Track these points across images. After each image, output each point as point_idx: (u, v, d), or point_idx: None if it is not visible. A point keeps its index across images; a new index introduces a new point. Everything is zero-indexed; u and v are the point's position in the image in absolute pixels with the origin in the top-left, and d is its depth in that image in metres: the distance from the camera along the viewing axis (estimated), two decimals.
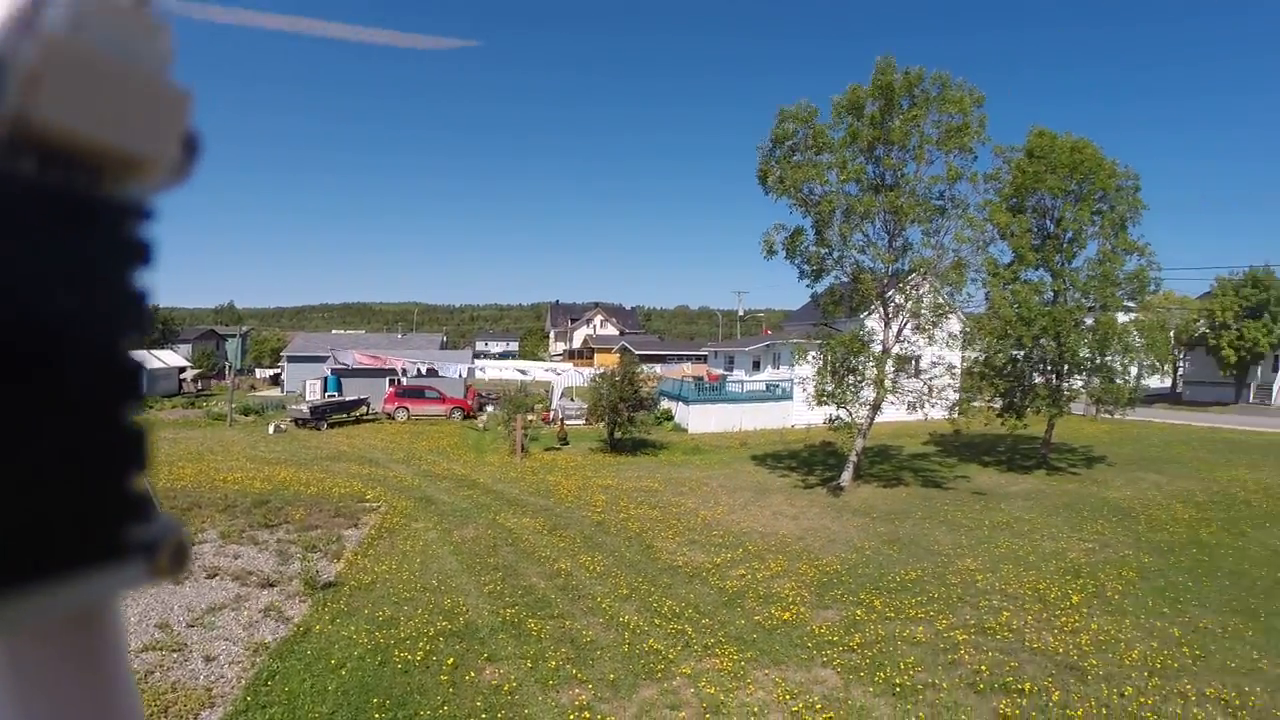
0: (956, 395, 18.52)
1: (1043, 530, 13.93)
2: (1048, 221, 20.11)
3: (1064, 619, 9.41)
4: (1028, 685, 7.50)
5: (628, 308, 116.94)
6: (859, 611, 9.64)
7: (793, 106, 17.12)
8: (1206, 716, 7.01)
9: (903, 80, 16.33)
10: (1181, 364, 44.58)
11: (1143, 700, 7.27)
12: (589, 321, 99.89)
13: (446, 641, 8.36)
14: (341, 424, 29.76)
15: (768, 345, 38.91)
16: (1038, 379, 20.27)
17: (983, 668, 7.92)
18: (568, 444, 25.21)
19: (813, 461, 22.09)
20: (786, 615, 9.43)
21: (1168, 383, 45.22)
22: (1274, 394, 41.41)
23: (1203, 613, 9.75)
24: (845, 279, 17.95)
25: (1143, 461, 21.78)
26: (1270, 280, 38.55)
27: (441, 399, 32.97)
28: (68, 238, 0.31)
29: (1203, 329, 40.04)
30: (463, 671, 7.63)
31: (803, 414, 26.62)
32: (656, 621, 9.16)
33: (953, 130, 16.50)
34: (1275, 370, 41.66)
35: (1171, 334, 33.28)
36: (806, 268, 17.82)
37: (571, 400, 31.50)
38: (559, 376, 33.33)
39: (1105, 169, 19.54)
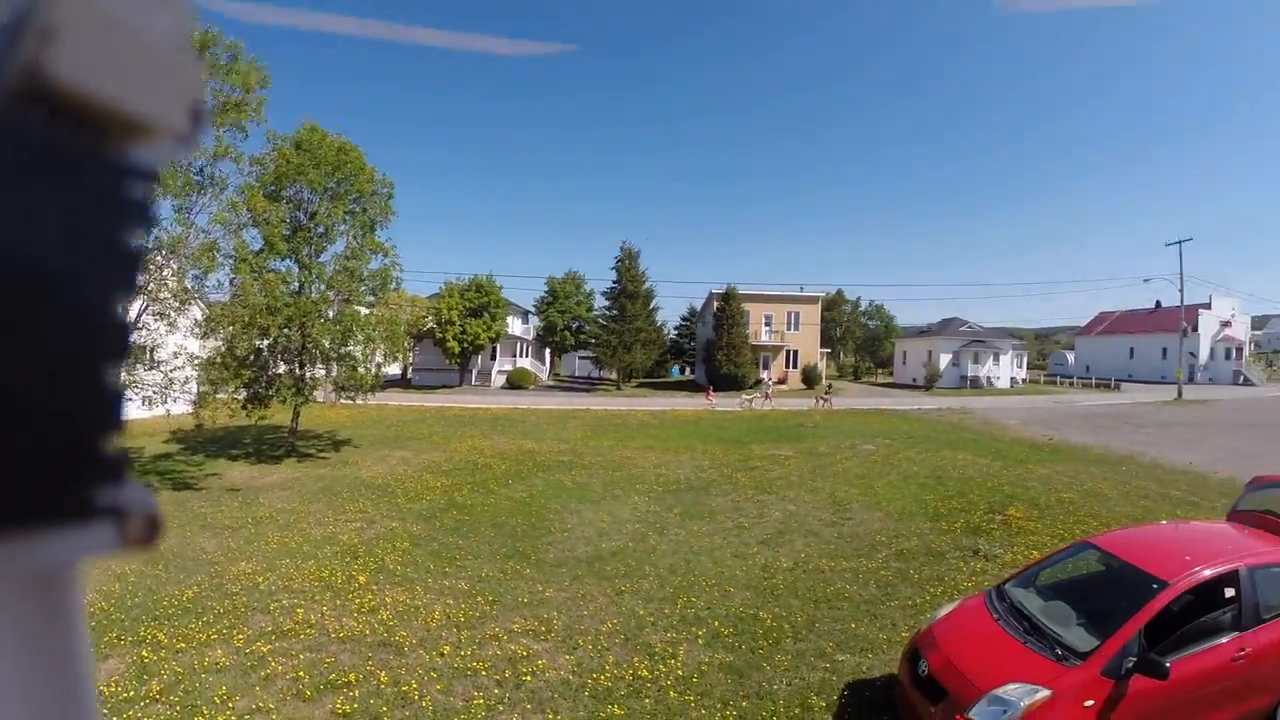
0: (199, 388, 17.08)
1: (308, 518, 13.67)
2: (301, 214, 20.43)
3: (358, 601, 9.26)
4: (352, 676, 7.14)
5: None
6: (145, 652, 7.69)
7: None
8: (522, 647, 7.81)
9: (199, 39, 14.41)
10: (412, 353, 52.18)
11: (462, 653, 7.63)
12: None
13: None
14: None
15: None
16: (282, 368, 20.34)
17: (300, 673, 7.20)
18: None
19: None
20: None
21: (398, 370, 52.11)
22: (492, 378, 52.70)
23: (481, 564, 10.83)
24: None
25: (387, 440, 24.06)
26: (490, 286, 48.78)
27: None
28: (65, 190, 0.31)
29: (431, 324, 47.67)
30: None
31: None
32: None
33: (231, 104, 15.37)
34: (493, 359, 53.21)
35: (404, 327, 38.48)
36: None
37: None
38: None
39: (366, 174, 21.05)
